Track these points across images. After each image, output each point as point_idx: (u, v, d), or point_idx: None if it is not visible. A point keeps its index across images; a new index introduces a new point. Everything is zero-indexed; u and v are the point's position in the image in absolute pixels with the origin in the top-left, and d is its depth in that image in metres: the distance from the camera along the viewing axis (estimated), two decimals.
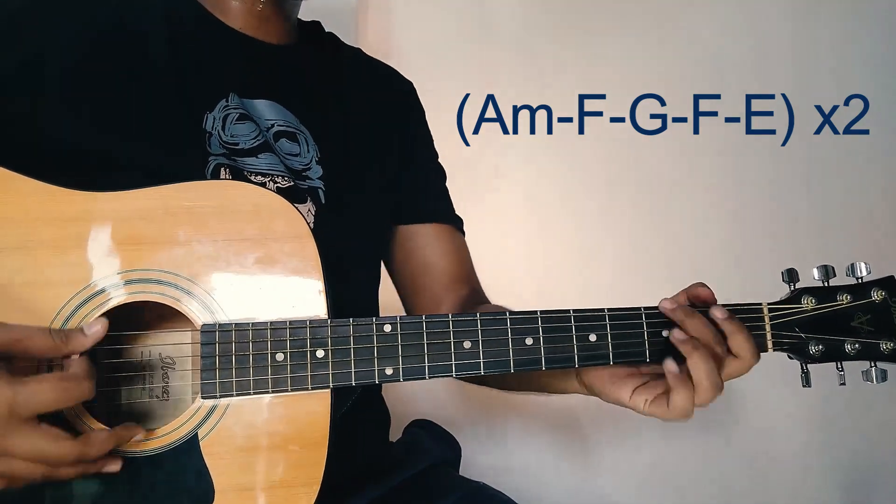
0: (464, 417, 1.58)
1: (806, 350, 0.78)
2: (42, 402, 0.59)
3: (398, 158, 0.98)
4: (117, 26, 0.81)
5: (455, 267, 1.01)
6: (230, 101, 0.84)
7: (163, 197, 0.70)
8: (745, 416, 1.67)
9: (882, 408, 1.67)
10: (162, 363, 0.73)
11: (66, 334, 0.63)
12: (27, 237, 0.67)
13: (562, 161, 1.69)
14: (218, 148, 0.81)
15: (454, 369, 0.72)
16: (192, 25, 0.86)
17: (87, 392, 0.61)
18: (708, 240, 1.68)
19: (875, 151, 1.71)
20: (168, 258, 0.69)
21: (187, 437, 0.68)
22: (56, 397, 0.59)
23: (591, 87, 1.70)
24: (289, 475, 0.69)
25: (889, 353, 0.78)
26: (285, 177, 0.84)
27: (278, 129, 0.87)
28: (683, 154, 1.71)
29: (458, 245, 1.03)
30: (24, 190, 0.68)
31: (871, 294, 0.79)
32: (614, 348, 0.75)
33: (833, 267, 0.79)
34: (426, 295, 1.00)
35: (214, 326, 0.69)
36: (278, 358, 0.69)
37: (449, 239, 1.01)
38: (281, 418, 0.69)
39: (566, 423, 1.67)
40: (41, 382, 0.59)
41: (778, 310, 0.79)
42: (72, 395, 0.60)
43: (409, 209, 0.99)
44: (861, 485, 1.69)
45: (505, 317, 0.74)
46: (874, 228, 1.68)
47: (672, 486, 1.66)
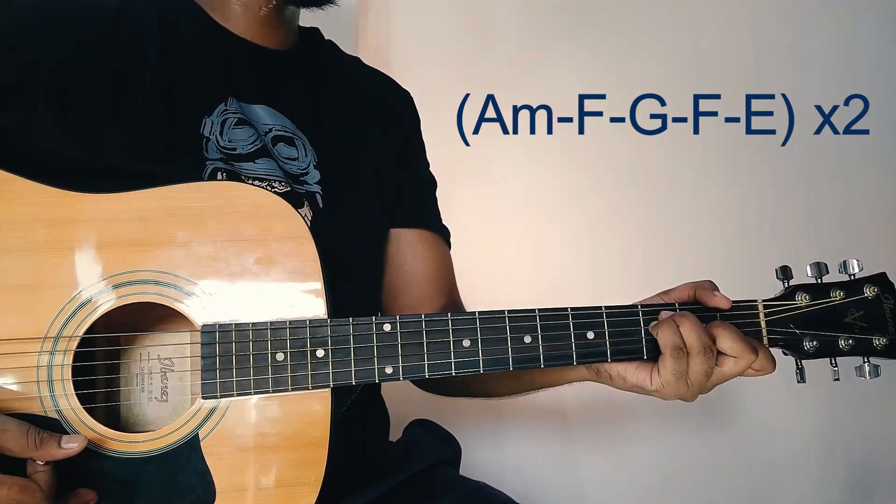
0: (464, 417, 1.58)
1: (800, 346, 0.79)
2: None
3: (393, 162, 0.98)
4: (113, 33, 0.80)
5: (434, 274, 1.01)
6: (229, 106, 0.84)
7: (162, 198, 0.70)
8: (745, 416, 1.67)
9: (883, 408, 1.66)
10: (161, 364, 0.73)
11: (41, 440, 0.63)
12: (26, 239, 0.68)
13: (561, 161, 1.69)
14: (215, 153, 0.81)
15: (454, 367, 0.72)
16: (192, 29, 0.86)
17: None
18: (707, 240, 1.68)
19: (875, 151, 1.70)
20: (167, 259, 0.69)
21: (188, 437, 0.68)
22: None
23: (591, 87, 1.70)
24: (289, 475, 0.69)
25: (882, 348, 0.78)
26: (283, 182, 0.83)
27: (276, 133, 0.87)
28: (683, 154, 1.70)
29: (441, 253, 1.03)
30: (23, 191, 0.68)
31: (864, 290, 0.80)
32: (612, 346, 0.76)
33: (826, 264, 0.80)
34: (402, 299, 1.00)
35: (214, 327, 0.69)
36: (278, 358, 0.69)
37: (433, 246, 1.01)
38: (281, 418, 0.70)
39: (565, 423, 1.67)
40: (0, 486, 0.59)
41: (772, 306, 0.80)
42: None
43: (399, 212, 0.99)
44: (861, 485, 1.69)
45: (504, 315, 0.74)
46: (874, 228, 1.68)
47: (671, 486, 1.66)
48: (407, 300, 1.00)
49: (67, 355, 0.66)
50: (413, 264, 0.99)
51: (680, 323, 0.74)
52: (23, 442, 0.62)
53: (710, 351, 0.74)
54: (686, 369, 0.74)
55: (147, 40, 0.82)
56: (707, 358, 0.73)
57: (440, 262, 1.02)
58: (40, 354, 0.66)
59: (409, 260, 0.99)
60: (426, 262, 1.00)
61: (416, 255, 1.00)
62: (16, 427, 0.62)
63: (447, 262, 1.04)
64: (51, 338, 0.66)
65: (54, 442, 0.63)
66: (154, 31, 0.83)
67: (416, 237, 1.00)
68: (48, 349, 0.66)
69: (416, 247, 1.00)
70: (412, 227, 1.00)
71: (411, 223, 1.00)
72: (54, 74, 0.76)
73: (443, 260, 1.03)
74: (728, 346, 0.74)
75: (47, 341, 0.66)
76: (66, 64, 0.77)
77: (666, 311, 0.77)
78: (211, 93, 0.84)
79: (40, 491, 0.61)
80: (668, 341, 0.73)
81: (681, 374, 0.74)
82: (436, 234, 1.02)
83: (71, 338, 0.67)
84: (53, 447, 0.63)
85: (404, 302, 1.00)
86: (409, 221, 1.00)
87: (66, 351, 0.66)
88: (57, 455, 0.63)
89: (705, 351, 0.73)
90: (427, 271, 1.00)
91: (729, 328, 0.75)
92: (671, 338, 0.73)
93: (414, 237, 1.00)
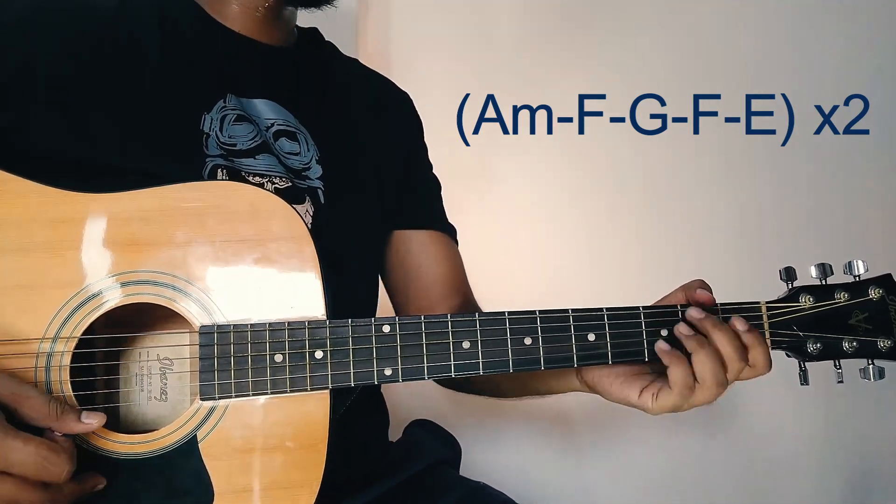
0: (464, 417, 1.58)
1: (804, 348, 0.78)
2: (19, 462, 0.59)
3: (394, 164, 0.98)
4: (112, 31, 0.80)
5: (448, 274, 1.00)
6: (228, 102, 0.84)
7: (160, 198, 0.70)
8: (745, 417, 1.67)
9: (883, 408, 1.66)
10: (160, 364, 0.73)
11: (63, 411, 0.63)
12: (24, 239, 0.67)
13: (562, 161, 1.69)
14: (215, 149, 0.81)
15: (453, 369, 0.72)
16: (190, 27, 0.86)
17: (61, 476, 0.61)
18: (707, 240, 1.68)
19: (875, 151, 1.70)
20: (166, 259, 0.69)
21: (186, 438, 0.68)
22: (34, 467, 0.59)
23: (591, 87, 1.70)
24: (288, 476, 0.69)
25: (886, 350, 0.78)
26: (283, 177, 0.83)
27: (278, 128, 0.87)
28: (683, 154, 1.70)
29: (452, 253, 1.03)
30: (21, 191, 0.68)
31: (869, 292, 0.79)
32: (613, 347, 0.75)
33: (830, 265, 0.79)
34: (417, 302, 1.00)
35: (213, 328, 0.69)
36: (277, 359, 0.69)
37: (443, 246, 1.01)
38: (280, 419, 0.69)
39: (566, 424, 1.67)
40: (28, 443, 0.59)
41: (776, 308, 0.79)
42: (48, 471, 0.60)
43: (406, 214, 0.99)
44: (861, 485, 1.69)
45: (504, 317, 0.74)
46: (874, 228, 1.68)
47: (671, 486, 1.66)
48: (421, 302, 0.99)
49: (66, 356, 0.66)
50: (426, 266, 0.99)
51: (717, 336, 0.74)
52: (45, 410, 0.62)
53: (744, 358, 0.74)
54: (720, 365, 0.73)
55: (147, 40, 0.82)
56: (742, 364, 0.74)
57: (452, 262, 1.02)
58: (38, 355, 0.66)
59: (421, 262, 0.99)
60: (439, 263, 1.00)
61: (428, 257, 1.00)
62: (37, 395, 0.62)
63: (458, 261, 1.04)
64: (49, 338, 0.66)
65: (74, 415, 0.63)
66: (154, 31, 0.83)
67: (427, 238, 1.00)
68: (46, 350, 0.66)
69: (428, 248, 1.00)
70: (421, 229, 1.00)
71: (420, 224, 1.00)
72: (53, 73, 0.76)
73: (454, 259, 1.03)
74: (755, 358, 0.74)
75: (45, 342, 0.66)
76: (66, 63, 0.77)
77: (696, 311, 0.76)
78: (210, 90, 0.84)
79: (66, 452, 0.61)
80: (723, 348, 0.73)
81: (717, 371, 0.73)
82: (445, 234, 1.02)
83: (69, 338, 0.66)
84: (73, 420, 0.63)
85: (419, 304, 1.00)
86: (417, 223, 1.00)
87: (65, 352, 0.66)
88: (75, 429, 0.63)
89: (739, 366, 0.74)
90: (440, 272, 1.00)
91: (764, 343, 0.75)
92: (728, 345, 0.73)
93: (424, 238, 1.00)
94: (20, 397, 0.62)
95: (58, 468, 0.60)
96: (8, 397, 0.61)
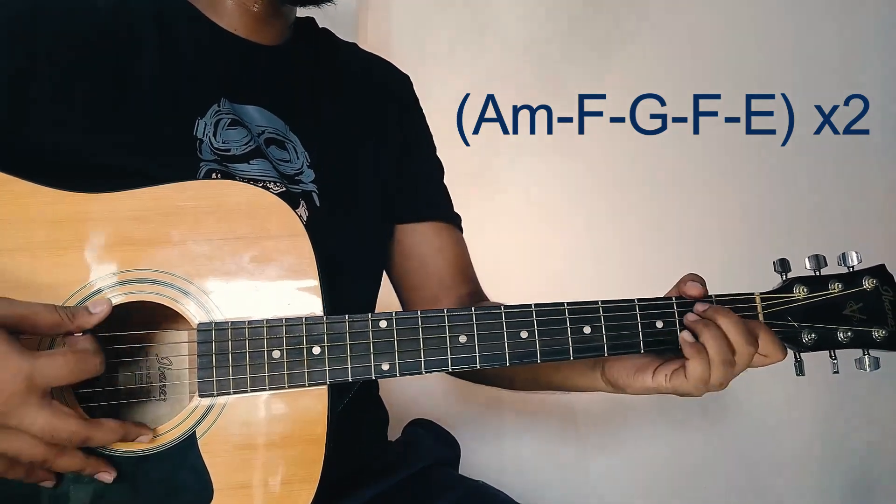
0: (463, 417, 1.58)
1: (799, 339, 0.79)
2: (56, 375, 0.60)
3: (395, 155, 0.97)
4: (107, 32, 0.80)
5: (454, 265, 1.00)
6: (222, 107, 0.84)
7: (158, 197, 0.71)
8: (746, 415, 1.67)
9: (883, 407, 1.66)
10: (159, 362, 0.73)
11: (73, 311, 0.64)
12: (23, 239, 0.68)
13: (562, 161, 1.69)
14: (209, 154, 0.81)
15: (450, 363, 0.72)
16: (184, 28, 0.85)
17: (98, 366, 0.62)
18: (707, 240, 1.68)
19: (875, 151, 1.70)
20: (164, 258, 0.69)
21: (185, 435, 0.68)
22: (70, 371, 0.60)
23: (591, 87, 1.70)
24: (287, 472, 0.69)
25: (881, 340, 0.78)
26: (277, 182, 0.83)
27: (268, 135, 0.86)
28: (683, 154, 1.70)
29: (457, 243, 1.02)
30: (19, 191, 0.68)
31: (863, 282, 0.79)
32: (609, 340, 0.75)
33: (825, 256, 0.80)
34: (425, 294, 0.99)
35: (210, 325, 0.69)
36: (275, 355, 0.69)
37: (448, 237, 1.01)
38: (278, 416, 0.70)
39: (565, 422, 1.67)
40: (54, 356, 0.60)
41: (770, 299, 0.79)
42: (84, 368, 0.61)
43: (408, 208, 0.98)
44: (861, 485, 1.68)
45: (500, 310, 0.74)
46: (874, 228, 1.67)
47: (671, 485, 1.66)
48: (429, 294, 0.99)
49: None
50: (432, 258, 0.99)
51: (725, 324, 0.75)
52: (56, 317, 0.63)
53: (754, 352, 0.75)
54: (726, 346, 0.74)
55: (143, 41, 0.82)
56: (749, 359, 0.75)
57: (457, 252, 1.01)
58: None
59: (427, 254, 0.99)
60: (445, 254, 1.00)
61: (433, 249, 0.99)
62: (43, 307, 0.63)
63: (464, 250, 1.03)
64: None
65: (84, 311, 0.64)
66: (151, 32, 0.82)
67: (432, 230, 1.00)
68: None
69: (433, 240, 1.00)
70: (426, 221, 0.99)
71: (422, 217, 0.99)
72: (51, 73, 0.76)
73: (459, 249, 1.02)
74: (770, 348, 0.75)
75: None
76: (63, 63, 0.77)
77: (701, 304, 0.77)
78: (204, 94, 0.83)
79: (92, 343, 0.63)
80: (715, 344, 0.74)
81: (723, 350, 0.74)
82: (450, 224, 1.02)
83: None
84: (85, 315, 0.64)
85: (426, 296, 0.99)
86: (422, 215, 0.99)
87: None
88: (91, 321, 0.64)
89: (749, 350, 0.74)
90: (446, 264, 1.00)
91: (769, 331, 0.76)
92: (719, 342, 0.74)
93: (429, 230, 1.00)
94: (25, 317, 0.62)
95: (93, 359, 0.62)
96: (14, 319, 0.61)
